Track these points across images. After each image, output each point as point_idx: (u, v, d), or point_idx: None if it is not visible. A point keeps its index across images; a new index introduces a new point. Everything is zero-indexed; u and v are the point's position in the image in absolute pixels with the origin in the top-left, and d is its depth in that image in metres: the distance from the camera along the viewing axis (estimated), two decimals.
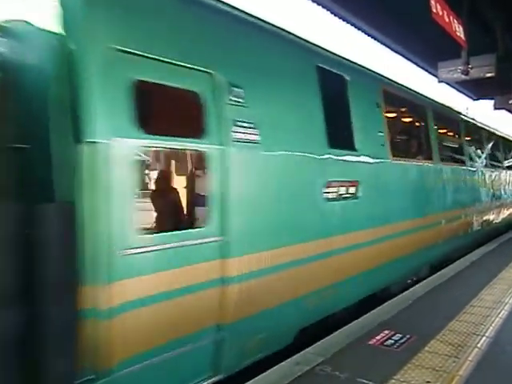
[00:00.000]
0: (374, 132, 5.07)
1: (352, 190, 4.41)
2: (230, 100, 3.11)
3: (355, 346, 3.75)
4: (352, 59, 5.05)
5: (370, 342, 3.81)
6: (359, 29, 8.34)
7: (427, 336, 3.93)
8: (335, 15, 7.67)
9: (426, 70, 10.93)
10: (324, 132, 4.04)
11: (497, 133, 11.56)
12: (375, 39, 8.89)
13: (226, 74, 3.12)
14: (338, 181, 4.20)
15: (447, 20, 6.49)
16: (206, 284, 2.90)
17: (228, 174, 3.05)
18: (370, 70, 5.42)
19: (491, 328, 4.15)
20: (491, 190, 10.08)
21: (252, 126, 3.26)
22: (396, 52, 9.76)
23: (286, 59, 3.89)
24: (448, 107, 8.13)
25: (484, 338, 3.89)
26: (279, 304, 3.51)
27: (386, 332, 4.04)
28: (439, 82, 8.29)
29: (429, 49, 9.19)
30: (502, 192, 11.29)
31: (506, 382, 3.17)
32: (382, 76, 5.69)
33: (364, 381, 3.07)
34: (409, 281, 6.18)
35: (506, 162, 12.12)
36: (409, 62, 10.55)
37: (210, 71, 3.02)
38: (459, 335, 3.97)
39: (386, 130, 5.29)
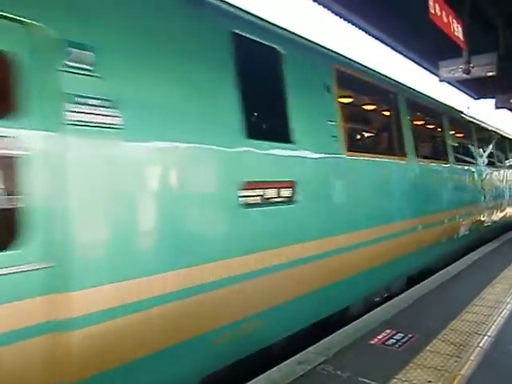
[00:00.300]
0: (322, 121, 4.13)
1: (286, 192, 3.53)
2: (67, 66, 2.23)
3: (357, 345, 3.74)
4: (292, 29, 4.10)
5: (372, 342, 3.81)
6: (359, 27, 8.33)
7: (429, 335, 3.92)
8: (336, 14, 7.66)
9: (427, 69, 10.91)
10: (239, 118, 3.15)
11: (490, 128, 10.74)
12: (376, 38, 8.88)
13: (60, 28, 2.22)
14: (263, 181, 3.31)
15: (446, 20, 6.45)
16: (23, 332, 2.01)
17: (59, 168, 2.18)
18: (317, 45, 4.40)
19: (493, 327, 4.14)
20: (483, 191, 9.27)
21: (108, 104, 2.37)
22: (396, 51, 9.74)
23: (176, 18, 2.92)
24: (427, 96, 7.17)
25: (486, 338, 3.88)
26: (162, 349, 2.60)
27: (388, 331, 4.04)
28: (440, 81, 8.27)
29: (430, 48, 9.17)
30: (497, 192, 10.47)
31: (508, 381, 3.16)
32: (334, 53, 4.64)
33: (366, 380, 3.07)
34: (377, 298, 5.32)
35: (505, 160, 11.52)
36: (409, 61, 10.52)
37: (28, 21, 2.11)
38: (461, 334, 3.96)
39: (340, 120, 4.36)
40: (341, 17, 7.76)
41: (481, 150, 9.60)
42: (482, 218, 9.38)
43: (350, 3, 7.35)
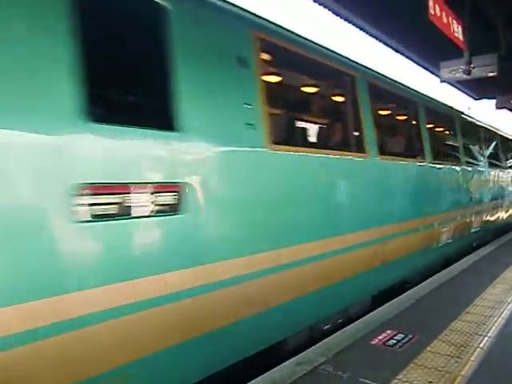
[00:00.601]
0: (232, 103, 3.15)
1: (166, 198, 2.59)
2: None
3: (357, 345, 3.74)
4: None
5: (373, 342, 3.80)
6: (360, 28, 8.33)
7: (429, 336, 3.92)
8: (336, 15, 7.66)
9: (428, 70, 10.91)
10: (74, 92, 2.21)
11: (479, 124, 9.77)
12: (376, 38, 8.88)
13: None
14: (123, 184, 2.38)
15: (445, 21, 6.45)
16: None
17: None
18: (229, 4, 3.35)
19: (494, 328, 4.14)
20: (470, 194, 8.32)
21: None
22: (397, 52, 9.74)
23: None
24: (398, 82, 5.90)
25: (486, 338, 3.88)
26: None
27: (389, 332, 4.03)
28: (441, 81, 8.27)
29: (430, 48, 9.17)
30: (488, 195, 9.56)
31: (508, 382, 3.16)
32: (258, 17, 3.59)
33: (366, 381, 3.07)
34: (326, 326, 4.33)
35: (499, 160, 10.72)
36: (410, 62, 10.52)
37: None
38: (462, 335, 3.96)
39: (264, 104, 3.37)
40: (341, 17, 7.76)
41: (468, 147, 8.66)
42: (468, 224, 8.32)
43: (350, 3, 7.35)
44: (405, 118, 7.18)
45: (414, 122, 6.65)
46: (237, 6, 3.41)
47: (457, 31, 6.90)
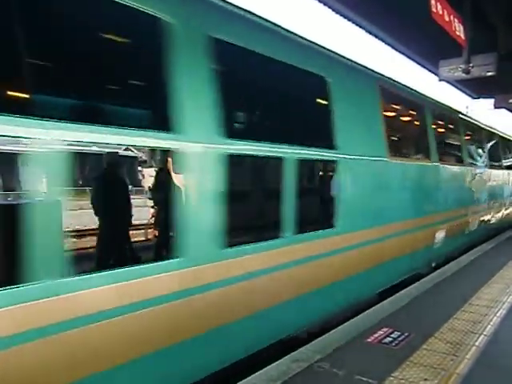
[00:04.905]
0: None
1: None
2: None
3: (354, 343, 3.76)
4: None
5: (369, 340, 3.82)
6: (361, 27, 8.32)
7: (426, 334, 3.94)
8: (337, 13, 7.65)
9: (427, 69, 10.91)
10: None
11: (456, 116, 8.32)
12: (376, 37, 8.88)
13: None
14: None
15: (447, 19, 6.49)
16: None
17: None
18: None
19: (489, 326, 4.16)
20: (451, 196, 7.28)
21: None
22: (397, 50, 9.74)
23: None
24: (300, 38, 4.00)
25: (482, 337, 3.90)
26: None
27: (385, 329, 4.05)
28: (440, 80, 8.28)
29: (430, 47, 9.18)
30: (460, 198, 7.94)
31: (504, 380, 3.18)
32: None
33: (362, 378, 3.09)
34: None
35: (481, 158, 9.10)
36: (410, 61, 10.52)
37: None
38: (457, 333, 3.98)
39: None
40: (342, 15, 7.75)
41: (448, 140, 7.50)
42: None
43: (351, 2, 7.34)
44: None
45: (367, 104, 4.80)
46: None
47: (458, 29, 6.91)
